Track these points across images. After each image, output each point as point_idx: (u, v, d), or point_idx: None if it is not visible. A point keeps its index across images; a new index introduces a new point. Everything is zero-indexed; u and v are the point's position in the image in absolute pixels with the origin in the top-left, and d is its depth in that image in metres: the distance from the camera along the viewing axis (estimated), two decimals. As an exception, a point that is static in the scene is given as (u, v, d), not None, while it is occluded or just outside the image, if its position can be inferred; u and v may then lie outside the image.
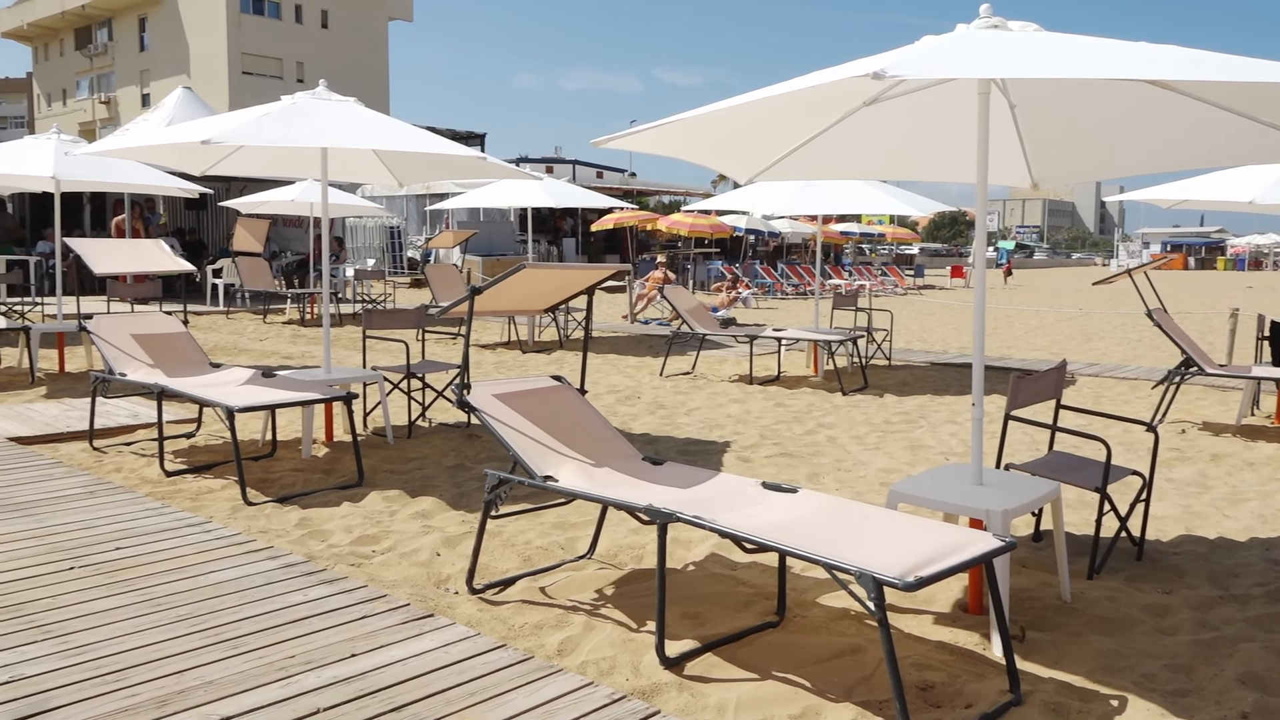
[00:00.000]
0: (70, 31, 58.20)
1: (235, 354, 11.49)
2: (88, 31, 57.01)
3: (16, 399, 8.06)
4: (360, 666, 3.16)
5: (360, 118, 6.31)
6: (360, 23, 53.44)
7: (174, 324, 6.77)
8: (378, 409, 7.69)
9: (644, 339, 14.50)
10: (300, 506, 5.17)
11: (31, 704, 2.86)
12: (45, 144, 9.38)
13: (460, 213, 26.69)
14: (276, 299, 17.59)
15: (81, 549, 4.24)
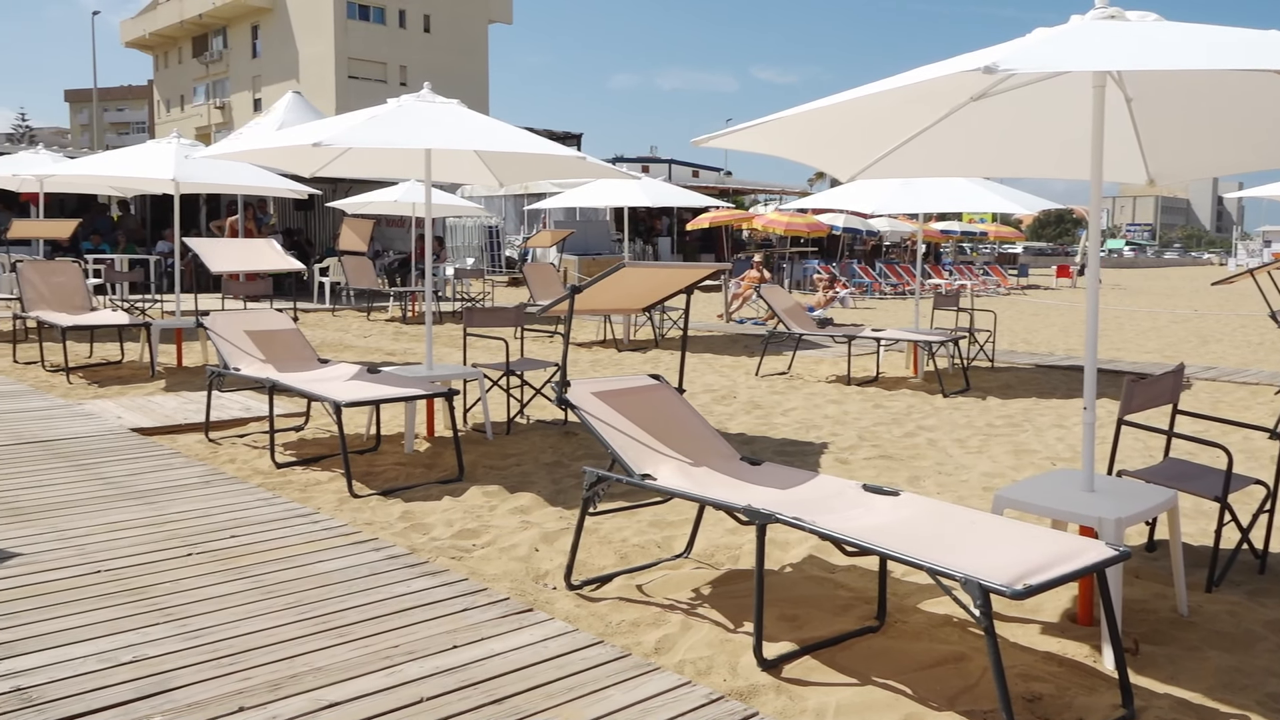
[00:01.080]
0: (188, 40, 60.69)
1: (340, 350, 11.82)
2: (204, 40, 59.38)
3: (138, 391, 8.44)
4: (461, 658, 3.22)
5: (463, 119, 6.43)
6: (461, 26, 54.46)
7: (285, 321, 7.00)
8: (477, 405, 7.82)
9: (739, 338, 14.43)
10: (403, 500, 5.30)
11: (154, 683, 2.99)
12: (166, 148, 9.81)
13: (557, 212, 26.97)
14: (379, 297, 18.04)
15: (198, 536, 4.42)
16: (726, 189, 36.34)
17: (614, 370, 10.80)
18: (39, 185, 12.97)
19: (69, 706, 2.84)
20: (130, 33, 63.64)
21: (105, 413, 7.19)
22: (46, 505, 4.83)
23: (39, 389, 8.28)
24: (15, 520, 4.58)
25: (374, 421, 6.63)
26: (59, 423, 6.77)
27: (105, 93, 75.13)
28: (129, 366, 9.95)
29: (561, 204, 16.70)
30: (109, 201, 22.62)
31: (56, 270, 10.44)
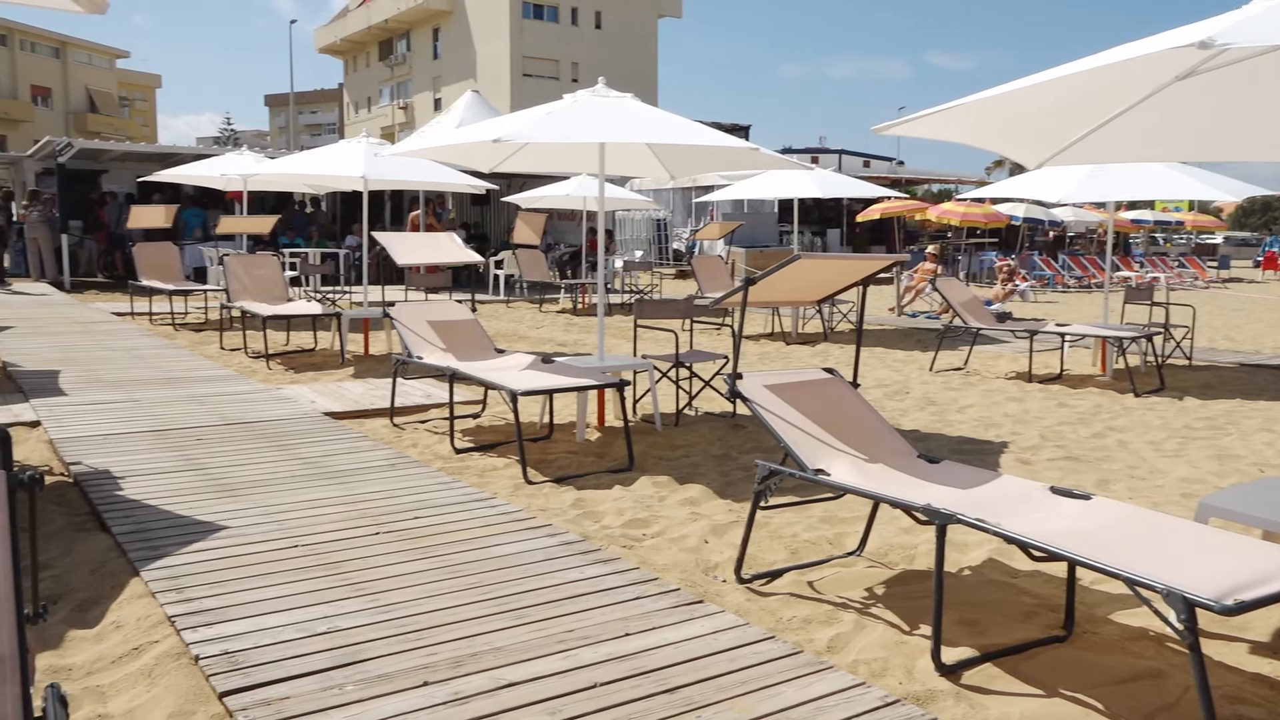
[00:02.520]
0: (375, 45, 63.79)
1: (514, 340, 12.17)
2: (389, 44, 62.26)
3: (330, 378, 8.94)
4: (633, 646, 3.26)
5: (637, 113, 6.49)
6: (632, 21, 55.06)
7: (464, 312, 7.26)
8: (647, 396, 7.90)
9: (912, 332, 14.04)
10: (575, 487, 5.40)
11: (347, 653, 3.16)
12: (356, 147, 10.34)
13: (725, 205, 26.91)
14: (551, 289, 18.48)
15: (385, 516, 4.64)
16: (899, 179, 35.40)
17: (782, 364, 10.70)
18: (243, 184, 13.91)
19: (270, 671, 3.03)
20: (323, 39, 67.45)
21: (300, 397, 7.65)
22: (251, 482, 5.18)
23: (242, 373, 8.89)
24: (224, 496, 4.93)
25: (547, 410, 6.80)
26: (260, 406, 7.24)
27: (301, 96, 79.86)
28: (321, 354, 10.55)
29: (729, 196, 16.65)
30: (304, 199, 24.04)
31: (258, 263, 11.18)
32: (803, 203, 16.95)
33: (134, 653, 3.26)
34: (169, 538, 4.27)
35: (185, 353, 10.08)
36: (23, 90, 61.21)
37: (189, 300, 15.33)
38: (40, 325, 12.19)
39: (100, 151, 20.13)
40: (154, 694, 2.98)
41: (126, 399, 7.40)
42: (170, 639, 3.31)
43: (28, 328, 11.88)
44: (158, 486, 5.06)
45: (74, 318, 13.24)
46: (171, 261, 13.59)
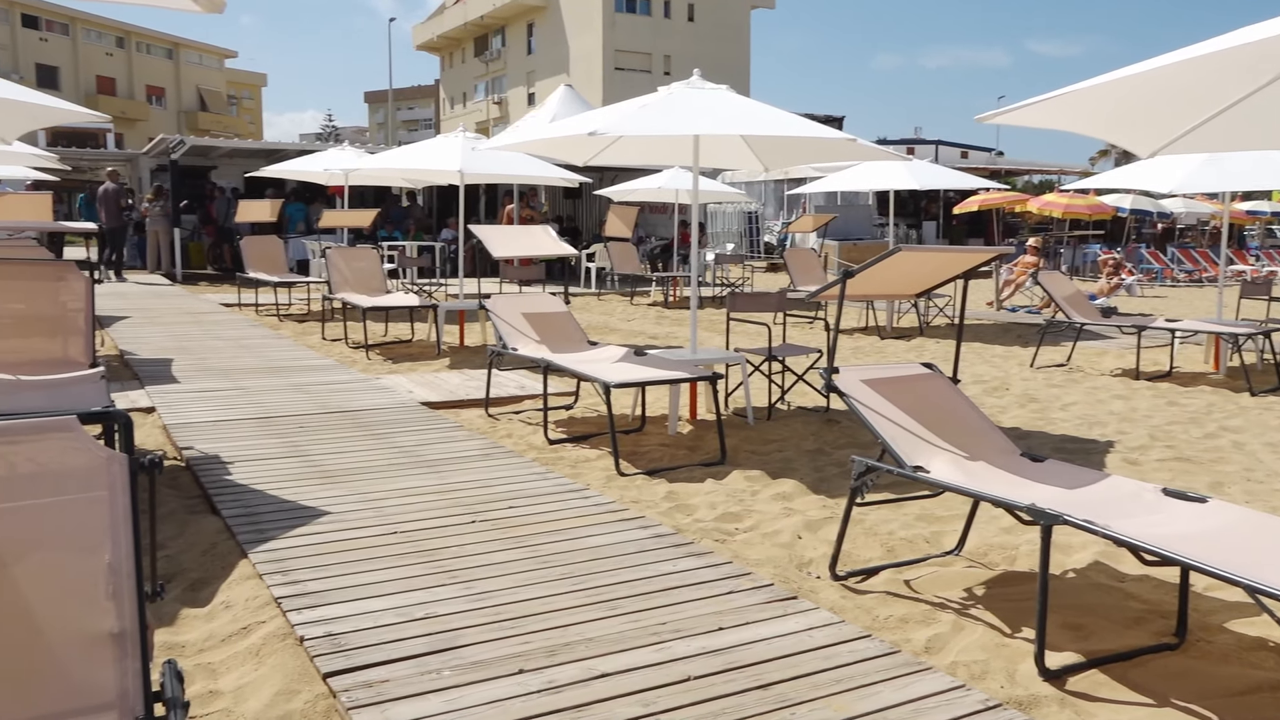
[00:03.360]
0: (470, 41, 64.74)
1: (606, 333, 12.23)
2: (485, 40, 63.13)
3: (426, 368, 9.12)
4: (727, 640, 3.24)
5: (731, 105, 6.45)
6: (724, 14, 54.74)
7: (558, 304, 7.32)
8: (739, 390, 7.86)
9: (1011, 327, 13.67)
10: (667, 480, 5.40)
11: (444, 639, 3.21)
12: (454, 142, 10.51)
13: (818, 197, 26.61)
14: (642, 282, 18.52)
15: (480, 505, 4.70)
16: (998, 170, 34.47)
17: (876, 358, 10.53)
18: (344, 179, 14.27)
19: (370, 655, 3.10)
20: (420, 37, 68.75)
21: (398, 387, 7.82)
22: (351, 469, 5.31)
23: (342, 363, 9.12)
24: (325, 482, 5.07)
25: (639, 403, 6.81)
26: (360, 395, 7.43)
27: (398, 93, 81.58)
28: (418, 345, 10.77)
29: (823, 188, 16.44)
30: (400, 193, 24.55)
31: (358, 256, 11.46)
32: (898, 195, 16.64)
33: (243, 632, 3.37)
34: (274, 521, 4.41)
35: (289, 343, 10.39)
36: (138, 90, 63.91)
37: (292, 292, 15.81)
38: (154, 315, 12.71)
39: (210, 148, 20.88)
40: (261, 672, 3.08)
41: (234, 387, 7.67)
42: (276, 620, 3.42)
43: (143, 317, 12.40)
44: (264, 472, 5.23)
45: (185, 308, 13.77)
46: (276, 254, 14.02)
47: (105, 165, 21.23)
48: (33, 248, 11.99)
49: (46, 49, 59.14)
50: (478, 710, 2.75)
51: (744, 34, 55.81)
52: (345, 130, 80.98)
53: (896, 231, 27.65)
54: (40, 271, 6.02)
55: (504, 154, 10.55)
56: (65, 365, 5.76)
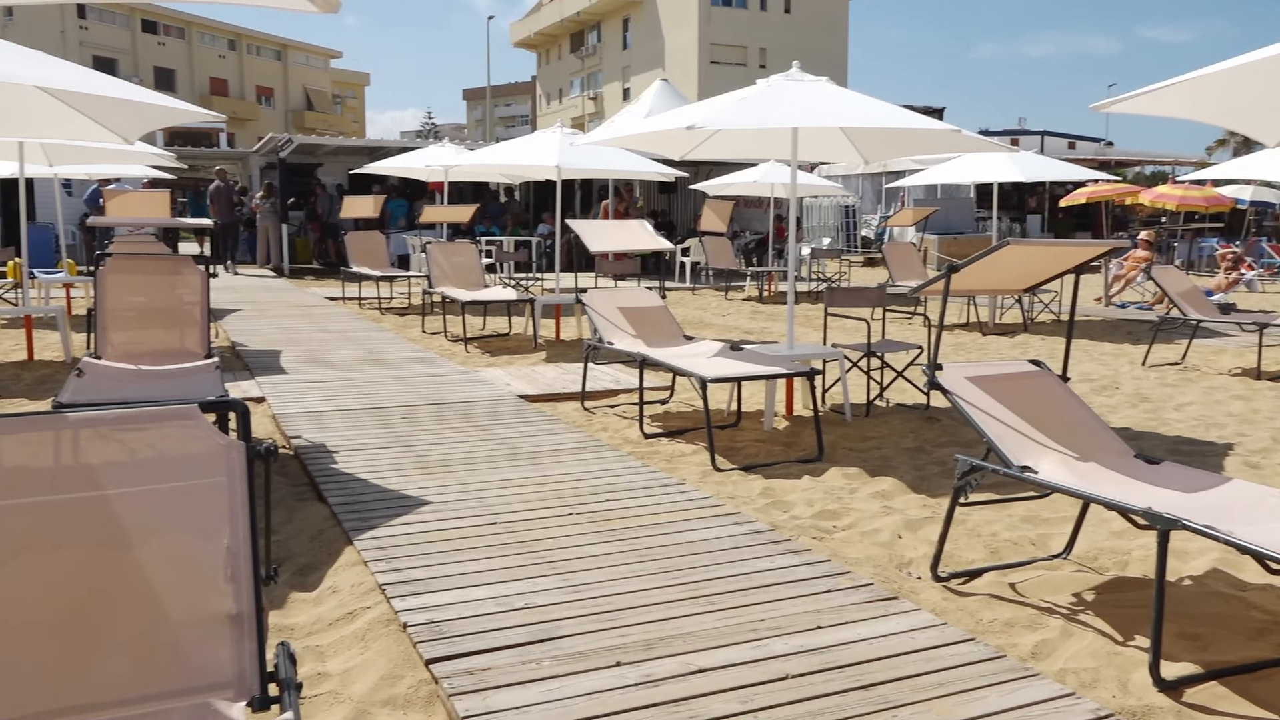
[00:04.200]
0: (567, 37, 65.31)
1: (700, 328, 12.21)
2: (581, 36, 63.60)
3: (523, 361, 9.23)
4: (826, 639, 3.20)
5: (831, 97, 6.36)
6: (821, 5, 54.05)
7: (654, 298, 7.33)
8: (837, 386, 7.76)
9: (1121, 324, 13.19)
10: (764, 476, 5.36)
11: (543, 629, 3.25)
12: (551, 137, 10.61)
13: (916, 190, 26.08)
14: (737, 276, 18.43)
15: (577, 497, 4.74)
16: (1107, 161, 33.28)
17: (978, 355, 10.27)
18: (444, 175, 14.54)
19: (471, 642, 3.15)
20: (518, 34, 69.62)
21: (496, 380, 7.93)
22: (451, 460, 5.41)
23: (442, 356, 9.30)
24: (426, 472, 5.17)
25: (735, 398, 6.78)
26: (459, 387, 7.56)
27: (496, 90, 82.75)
28: (515, 338, 10.91)
29: (923, 181, 16.11)
30: (498, 189, 24.91)
31: (457, 251, 11.67)
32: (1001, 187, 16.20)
33: (349, 617, 3.47)
34: (378, 509, 4.51)
35: (391, 335, 10.64)
36: (249, 91, 66.26)
37: (394, 286, 16.18)
38: (264, 308, 13.15)
39: (316, 146, 21.50)
40: (367, 657, 3.16)
41: (340, 378, 7.89)
42: (381, 606, 3.50)
43: (253, 310, 12.84)
44: (368, 461, 5.36)
45: (292, 301, 14.22)
46: (379, 249, 14.36)
47: (218, 164, 22.06)
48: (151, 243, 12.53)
49: (164, 53, 61.75)
50: (576, 701, 2.77)
51: (841, 25, 55.02)
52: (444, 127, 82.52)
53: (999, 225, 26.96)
54: (159, 266, 6.29)
55: (600, 149, 10.61)
56: (182, 356, 6.00)
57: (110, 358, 5.82)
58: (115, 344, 5.92)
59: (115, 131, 5.96)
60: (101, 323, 5.93)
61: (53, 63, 5.03)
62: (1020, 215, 29.15)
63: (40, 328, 10.92)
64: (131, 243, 11.91)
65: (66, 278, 12.18)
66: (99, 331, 5.91)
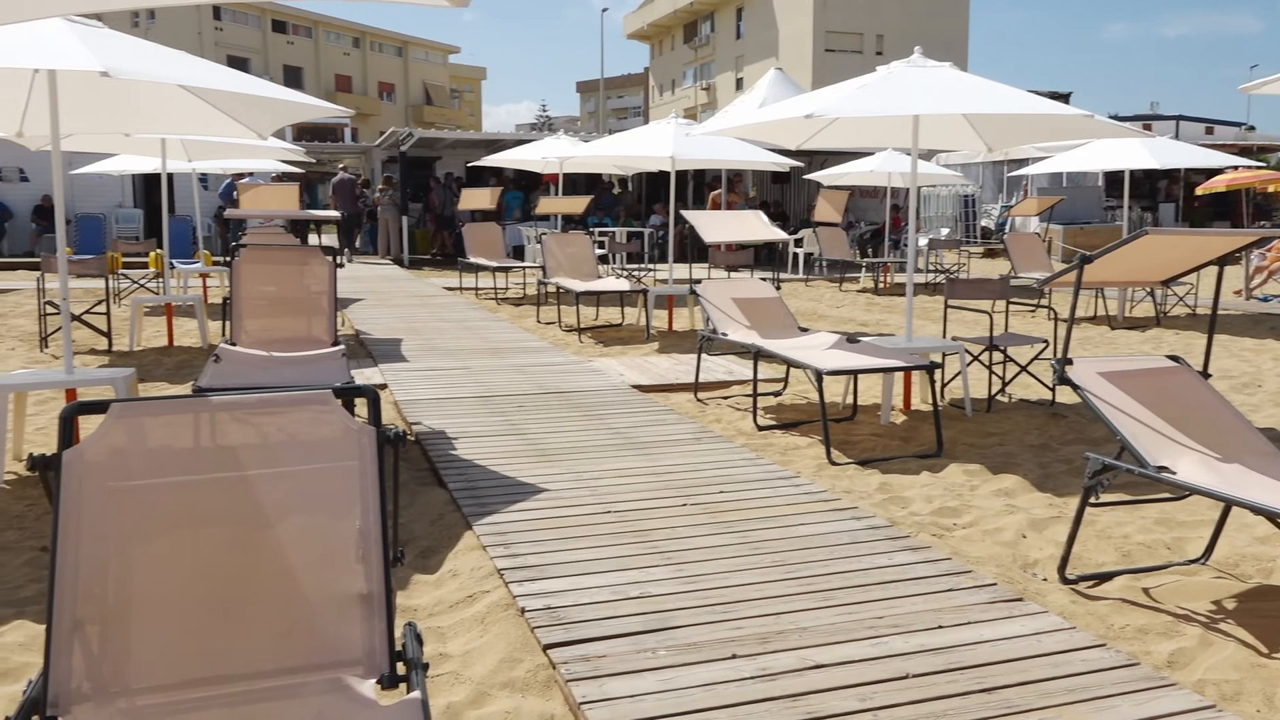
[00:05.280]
0: (680, 28, 65.25)
1: (814, 320, 12.05)
2: (694, 26, 63.44)
3: (636, 352, 9.27)
4: (947, 639, 3.12)
5: (955, 82, 6.18)
6: (942, -12, 52.59)
7: (768, 289, 7.27)
8: (956, 380, 7.56)
9: (1263, 318, 12.48)
10: (880, 471, 5.26)
11: (658, 619, 3.26)
12: (666, 128, 10.62)
13: (1040, 178, 25.19)
14: (851, 268, 18.14)
15: (690, 488, 4.74)
16: (1249, 146, 31.51)
17: (1106, 349, 9.87)
18: (559, 166, 14.70)
19: (588, 629, 3.18)
20: (631, 26, 69.88)
21: (610, 370, 7.99)
22: (566, 449, 5.47)
23: (556, 346, 9.42)
24: (541, 460, 5.24)
25: (851, 391, 6.67)
26: (574, 377, 7.64)
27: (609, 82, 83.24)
28: (628, 329, 10.97)
29: (1048, 169, 15.54)
30: (611, 180, 25.06)
31: (571, 242, 11.79)
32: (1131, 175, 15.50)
33: (468, 600, 3.54)
34: (496, 496, 4.60)
35: (506, 325, 10.82)
36: (372, 86, 68.31)
37: (509, 276, 16.46)
38: (385, 298, 13.54)
39: (436, 140, 22.01)
40: (486, 640, 3.22)
41: (458, 366, 8.06)
42: (499, 590, 3.56)
43: (375, 300, 13.24)
44: (485, 448, 5.47)
45: (412, 291, 14.60)
46: (495, 240, 14.62)
47: (343, 158, 22.81)
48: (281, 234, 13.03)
49: (292, 51, 64.15)
50: (692, 692, 2.77)
51: (962, 8, 53.46)
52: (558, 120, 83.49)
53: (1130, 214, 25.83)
54: (290, 257, 6.53)
55: (715, 139, 10.56)
56: (310, 343, 6.22)
57: (244, 344, 6.08)
58: (249, 331, 6.18)
59: (250, 127, 6.21)
60: (237, 311, 6.19)
61: (193, 62, 5.26)
62: (1152, 204, 27.86)
63: (179, 315, 11.48)
64: (263, 234, 12.43)
65: (203, 267, 12.77)
66: (234, 319, 6.17)
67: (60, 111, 5.22)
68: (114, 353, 9.10)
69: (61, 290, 5.29)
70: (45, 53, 4.42)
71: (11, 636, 3.27)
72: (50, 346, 9.32)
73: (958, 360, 6.81)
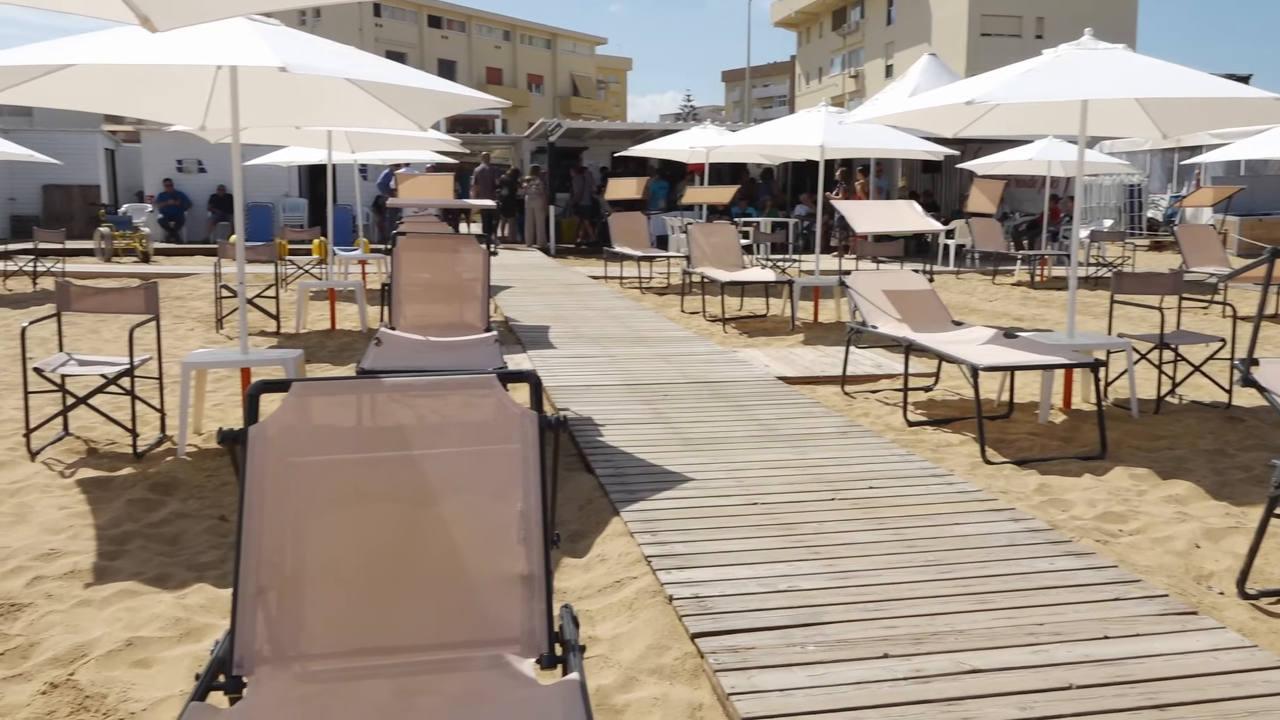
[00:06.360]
0: (828, 14, 64.14)
1: (966, 313, 11.68)
2: (843, 13, 62.25)
3: (781, 343, 9.19)
4: (1114, 651, 2.97)
5: (1129, 65, 5.85)
6: (1108, -34, 49.96)
7: (921, 282, 7.07)
8: (1121, 379, 7.19)
9: None
10: (1039, 472, 5.06)
11: (807, 614, 3.22)
12: (815, 117, 10.45)
13: (1215, 167, 23.68)
14: (1006, 260, 17.48)
15: (839, 482, 4.66)
16: None
17: (1273, 350, 9.21)
18: (705, 156, 14.67)
19: (736, 620, 3.17)
20: (779, 13, 69.11)
21: (754, 360, 7.94)
22: (712, 438, 5.46)
23: (700, 335, 9.42)
24: (688, 449, 5.25)
25: (1006, 388, 6.43)
26: (718, 367, 7.62)
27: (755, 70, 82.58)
28: (772, 320, 10.87)
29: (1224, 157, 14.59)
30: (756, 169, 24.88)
31: (716, 231, 11.76)
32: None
33: (616, 585, 3.58)
34: (642, 483, 4.63)
35: (651, 314, 10.89)
36: (521, 79, 69.83)
37: (653, 265, 16.56)
38: (533, 286, 13.83)
39: (583, 130, 22.31)
40: (634, 625, 3.25)
41: (604, 354, 8.16)
42: (647, 577, 3.59)
43: (523, 288, 13.53)
44: (631, 435, 5.51)
45: (559, 280, 14.85)
46: (640, 230, 14.73)
47: (495, 149, 23.39)
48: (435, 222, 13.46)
49: (447, 45, 66.17)
50: (844, 689, 2.73)
51: (1131, -12, 50.65)
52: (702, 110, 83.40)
53: (1316, 205, 23.94)
54: (446, 244, 6.73)
55: (866, 127, 10.34)
56: (464, 329, 6.41)
57: (403, 329, 6.31)
58: (407, 316, 6.41)
59: (412, 119, 6.42)
60: (396, 296, 6.43)
61: (361, 56, 5.48)
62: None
63: (340, 300, 12.02)
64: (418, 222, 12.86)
65: (362, 254, 13.32)
66: (394, 304, 6.41)
67: (239, 106, 5.51)
68: (281, 334, 9.60)
69: (239, 276, 5.61)
70: (229, 50, 4.68)
71: (194, 599, 3.49)
72: (224, 328, 9.90)
73: (1123, 359, 6.47)
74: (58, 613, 3.37)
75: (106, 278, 14.39)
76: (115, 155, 24.30)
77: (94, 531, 4.15)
